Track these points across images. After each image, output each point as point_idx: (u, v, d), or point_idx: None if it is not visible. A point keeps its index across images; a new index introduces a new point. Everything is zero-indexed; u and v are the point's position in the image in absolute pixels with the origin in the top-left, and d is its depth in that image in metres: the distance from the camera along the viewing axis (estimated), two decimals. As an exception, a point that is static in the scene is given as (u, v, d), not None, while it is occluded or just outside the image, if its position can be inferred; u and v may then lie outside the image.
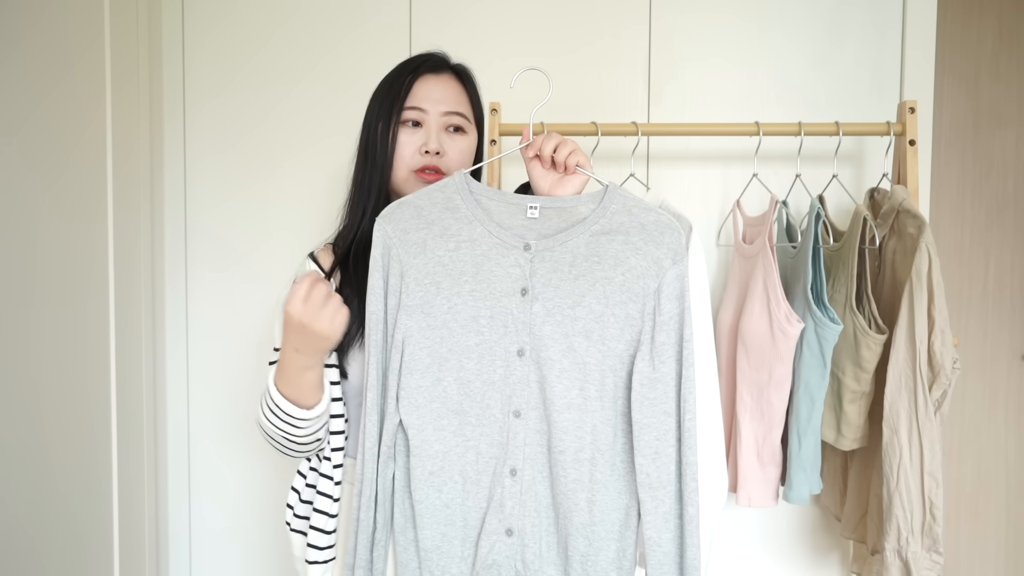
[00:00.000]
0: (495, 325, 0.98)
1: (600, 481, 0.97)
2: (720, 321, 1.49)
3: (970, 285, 2.28)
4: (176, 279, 1.80)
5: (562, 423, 0.97)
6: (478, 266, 0.99)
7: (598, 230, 0.99)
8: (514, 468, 0.98)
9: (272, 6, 1.75)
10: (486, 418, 0.99)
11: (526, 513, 0.98)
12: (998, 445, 2.29)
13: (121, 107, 1.59)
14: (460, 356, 0.98)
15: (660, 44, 1.71)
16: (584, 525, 0.97)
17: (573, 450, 0.97)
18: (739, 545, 1.74)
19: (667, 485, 0.97)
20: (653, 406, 0.96)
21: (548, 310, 0.97)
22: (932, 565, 1.28)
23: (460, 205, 1.02)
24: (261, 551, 1.82)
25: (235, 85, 1.76)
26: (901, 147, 1.45)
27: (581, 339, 0.96)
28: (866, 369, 1.33)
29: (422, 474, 0.99)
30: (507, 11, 1.72)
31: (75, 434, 1.44)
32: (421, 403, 0.99)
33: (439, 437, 0.99)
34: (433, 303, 0.99)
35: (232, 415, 1.80)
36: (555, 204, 1.01)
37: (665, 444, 0.97)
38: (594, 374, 0.97)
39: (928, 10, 1.66)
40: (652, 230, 0.99)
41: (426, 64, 1.16)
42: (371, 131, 1.14)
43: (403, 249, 1.00)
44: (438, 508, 0.99)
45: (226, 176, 1.78)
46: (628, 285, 0.97)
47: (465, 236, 1.00)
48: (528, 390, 0.98)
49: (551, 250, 0.99)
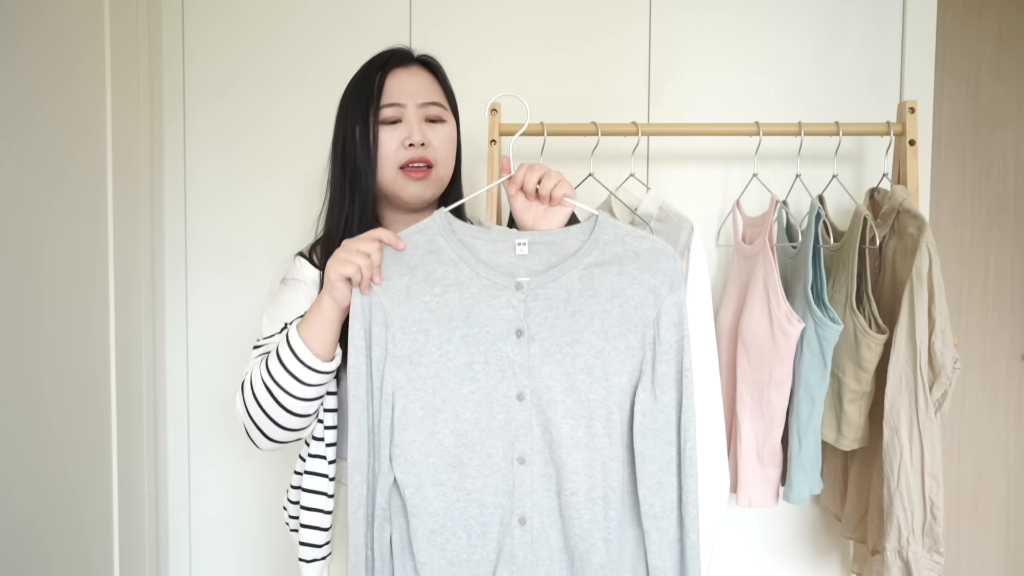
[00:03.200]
0: (491, 370, 0.94)
1: (614, 518, 0.95)
2: (720, 321, 1.49)
3: (970, 285, 2.28)
4: (176, 281, 1.79)
5: (571, 464, 0.93)
6: (468, 310, 0.95)
7: (591, 262, 0.96)
8: (523, 517, 0.95)
9: (272, 8, 1.74)
10: (487, 468, 0.94)
11: (539, 562, 0.95)
12: (998, 445, 2.29)
13: (121, 110, 1.58)
14: (455, 406, 0.94)
15: (660, 43, 1.71)
16: (603, 564, 0.95)
17: (585, 490, 0.94)
18: (739, 545, 1.73)
19: (670, 514, 0.95)
20: (656, 437, 0.95)
21: (547, 350, 0.94)
22: (933, 565, 1.28)
23: (444, 247, 0.97)
24: (261, 549, 1.82)
25: (235, 88, 1.76)
26: (901, 147, 1.45)
27: (583, 376, 0.93)
28: (866, 369, 1.33)
29: (424, 534, 0.94)
30: (506, 10, 1.72)
31: (76, 435, 1.44)
32: (417, 459, 0.94)
33: (438, 493, 0.94)
34: (423, 352, 0.94)
35: (232, 415, 1.80)
36: (544, 239, 0.98)
37: (667, 474, 0.95)
38: (600, 411, 0.94)
39: (928, 10, 1.66)
40: (647, 258, 0.96)
41: (393, 59, 1.13)
42: (347, 136, 1.11)
43: (385, 297, 0.95)
44: (443, 567, 0.94)
45: (226, 179, 1.77)
46: (627, 316, 0.94)
47: (452, 279, 0.96)
48: (531, 435, 0.95)
49: (544, 287, 0.95)
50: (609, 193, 1.52)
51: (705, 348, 1.33)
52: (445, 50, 1.71)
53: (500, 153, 1.49)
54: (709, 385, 1.34)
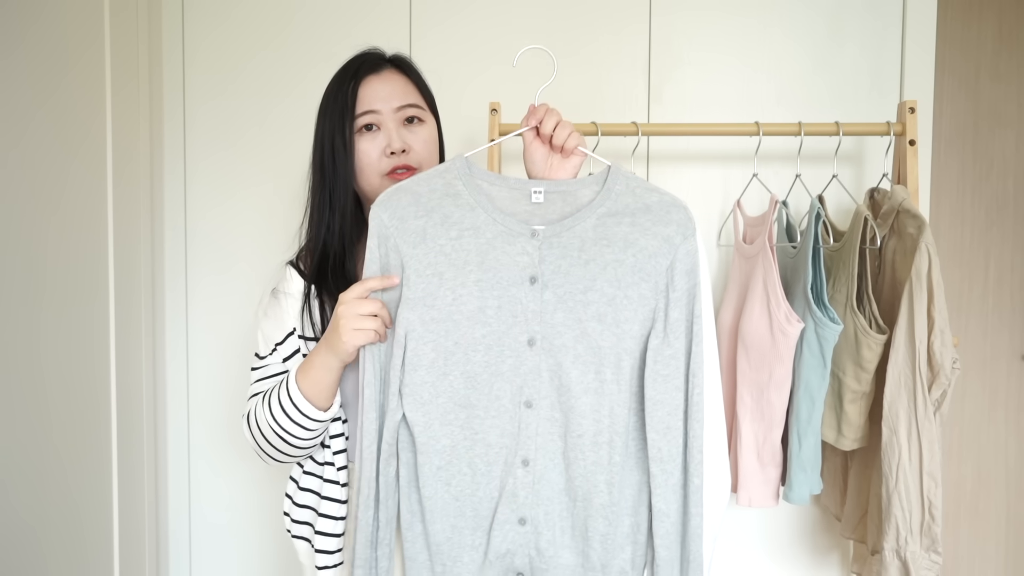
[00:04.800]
0: (503, 315, 0.96)
1: (618, 462, 0.97)
2: (720, 321, 1.49)
3: (970, 285, 2.28)
4: (176, 281, 1.79)
5: (580, 408, 0.96)
6: (483, 255, 0.96)
7: (604, 212, 0.98)
8: (526, 458, 0.97)
9: (272, 7, 1.75)
10: (495, 410, 0.97)
11: (539, 502, 0.98)
12: (998, 445, 2.29)
13: (121, 109, 1.59)
14: (466, 349, 0.96)
15: (660, 43, 1.71)
16: (604, 506, 0.97)
17: (591, 433, 0.96)
18: (739, 545, 1.74)
19: (676, 458, 0.98)
20: (666, 382, 0.97)
21: (559, 297, 0.96)
22: (931, 565, 1.28)
23: (462, 191, 0.98)
24: (261, 550, 1.82)
25: (235, 87, 1.76)
26: (901, 147, 1.45)
27: (595, 323, 0.95)
28: (867, 369, 1.33)
29: (430, 469, 0.97)
30: (506, 11, 1.72)
31: (76, 436, 1.44)
32: (427, 399, 0.96)
33: (446, 432, 0.97)
34: (436, 295, 0.96)
35: (232, 415, 1.80)
36: (559, 188, 0.99)
37: (675, 419, 0.98)
38: (609, 357, 0.96)
39: (928, 10, 1.66)
40: (658, 210, 0.98)
41: (364, 66, 1.12)
42: (325, 148, 1.11)
43: (401, 238, 0.97)
44: (448, 502, 0.98)
45: (226, 178, 1.78)
46: (640, 265, 0.96)
47: (468, 224, 0.97)
48: (539, 379, 0.97)
49: (559, 236, 0.97)
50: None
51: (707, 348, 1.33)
52: (445, 51, 1.73)
53: (500, 153, 1.49)
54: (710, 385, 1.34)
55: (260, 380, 1.11)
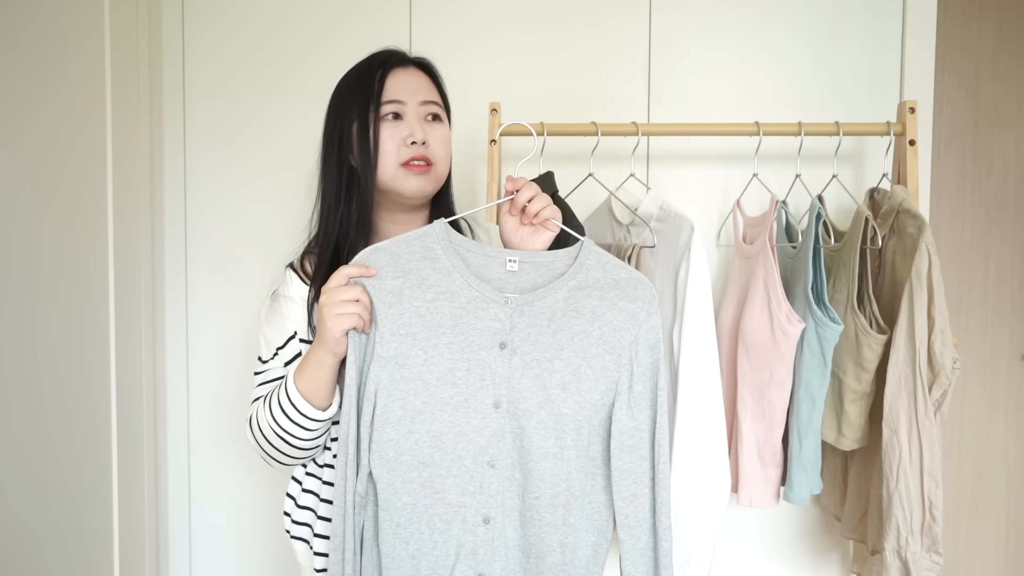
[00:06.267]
0: (472, 378, 0.98)
1: (572, 524, 1.00)
2: (721, 321, 1.49)
3: (970, 285, 2.28)
4: (176, 278, 1.79)
5: (539, 471, 0.99)
6: (456, 319, 0.98)
7: (575, 285, 1.01)
8: (487, 516, 1.00)
9: (272, 4, 1.74)
10: (456, 469, 0.99)
11: (496, 558, 1.01)
12: (998, 445, 2.29)
13: (121, 107, 1.58)
14: (434, 408, 0.98)
15: (660, 42, 1.71)
16: (556, 565, 1.00)
17: (548, 496, 0.99)
18: (739, 545, 1.74)
19: (643, 523, 1.01)
20: (631, 452, 1.00)
21: (527, 363, 0.98)
22: (931, 565, 1.28)
23: (440, 255, 1.01)
24: (261, 550, 1.82)
25: (235, 84, 1.76)
26: (901, 147, 1.45)
27: (559, 391, 0.98)
28: (867, 369, 1.33)
29: (390, 527, 0.99)
30: (506, 10, 1.72)
31: (75, 435, 1.44)
32: (391, 456, 0.98)
33: (408, 490, 0.99)
34: (408, 355, 0.98)
35: (232, 415, 1.80)
36: (533, 259, 1.03)
37: (642, 487, 1.01)
38: (570, 424, 0.99)
39: (928, 10, 1.66)
40: (626, 286, 1.02)
41: (392, 59, 1.13)
42: (343, 135, 1.11)
43: (378, 297, 0.98)
44: (404, 560, 0.99)
45: (226, 175, 1.78)
46: (605, 338, 0.99)
47: (444, 287, 0.99)
48: (503, 441, 0.99)
49: (530, 304, 1.00)
50: (609, 193, 1.52)
51: (705, 348, 1.34)
52: (445, 51, 1.72)
53: (500, 153, 1.49)
54: (710, 385, 1.34)
55: (262, 384, 1.11)
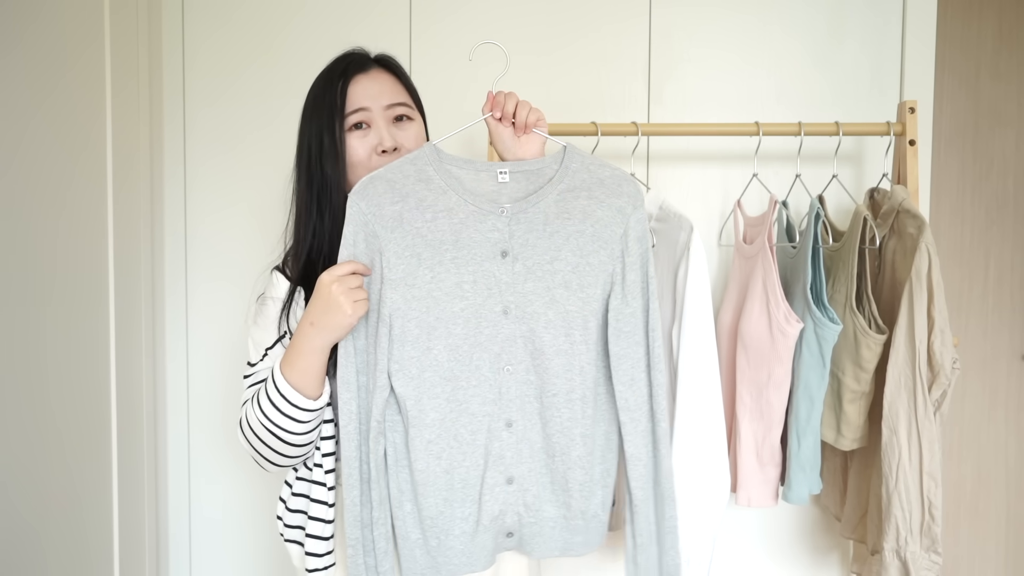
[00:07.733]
0: (479, 289, 1.02)
1: (590, 415, 1.06)
2: (720, 321, 1.49)
3: (970, 285, 2.28)
4: (176, 285, 1.79)
5: (553, 369, 1.03)
6: (457, 234, 1.02)
7: (564, 188, 1.06)
8: (510, 420, 1.04)
9: (272, 11, 1.74)
10: (476, 379, 1.03)
11: (522, 460, 1.05)
12: (998, 445, 2.29)
13: (121, 113, 1.58)
14: (447, 323, 1.02)
15: (660, 42, 1.71)
16: (581, 457, 1.05)
17: (565, 391, 1.04)
18: (739, 545, 1.74)
19: (642, 406, 1.06)
20: (627, 338, 1.05)
21: (529, 268, 1.03)
22: (931, 565, 1.28)
23: (433, 176, 1.05)
24: (261, 551, 1.82)
25: (235, 91, 1.75)
26: (901, 147, 1.45)
27: (562, 290, 1.03)
28: (866, 369, 1.33)
29: (421, 443, 1.02)
30: (506, 11, 1.72)
31: (77, 438, 1.44)
32: (415, 373, 1.01)
33: (434, 405, 1.02)
34: (416, 274, 1.01)
35: (231, 416, 1.80)
36: (522, 168, 1.07)
37: (638, 371, 1.06)
38: (577, 320, 1.03)
39: (928, 9, 1.66)
40: (611, 183, 1.07)
41: (352, 65, 1.12)
42: (312, 148, 1.10)
43: (379, 224, 1.02)
44: (439, 475, 1.02)
45: (226, 182, 1.77)
46: (598, 234, 1.04)
47: (441, 206, 1.03)
48: (515, 346, 1.04)
49: (525, 212, 1.04)
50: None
51: (705, 348, 1.34)
52: (445, 51, 1.73)
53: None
54: (709, 385, 1.34)
55: (252, 386, 1.10)
